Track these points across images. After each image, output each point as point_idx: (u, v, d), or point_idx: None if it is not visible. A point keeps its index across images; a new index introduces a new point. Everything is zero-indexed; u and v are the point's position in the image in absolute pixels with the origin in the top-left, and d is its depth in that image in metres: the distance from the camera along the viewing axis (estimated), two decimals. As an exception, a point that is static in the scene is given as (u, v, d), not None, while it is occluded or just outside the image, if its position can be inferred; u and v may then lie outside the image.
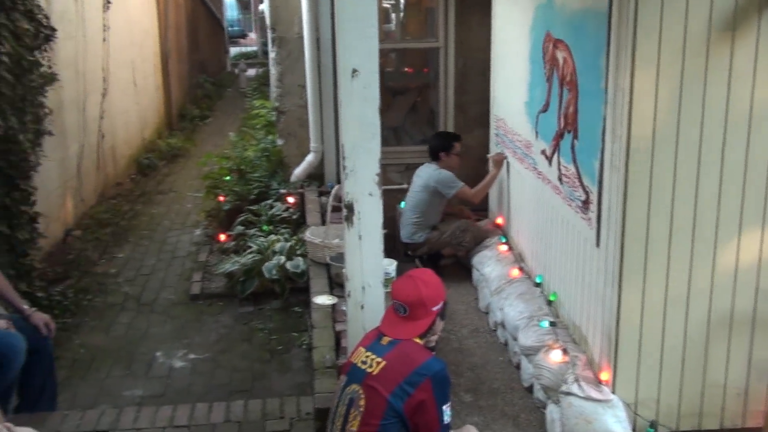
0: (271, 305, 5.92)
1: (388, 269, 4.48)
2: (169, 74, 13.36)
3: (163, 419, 3.96)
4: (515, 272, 5.10)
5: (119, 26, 9.87)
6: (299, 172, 7.51)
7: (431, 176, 5.96)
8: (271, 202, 7.26)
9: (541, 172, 4.77)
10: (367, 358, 2.94)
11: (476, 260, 5.75)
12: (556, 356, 3.91)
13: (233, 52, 25.96)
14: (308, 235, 5.79)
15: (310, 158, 7.45)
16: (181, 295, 6.27)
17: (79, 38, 8.01)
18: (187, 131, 13.43)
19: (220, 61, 22.31)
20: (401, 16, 8.44)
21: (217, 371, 5.02)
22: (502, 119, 5.86)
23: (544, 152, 4.66)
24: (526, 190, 5.21)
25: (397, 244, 6.08)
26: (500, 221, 5.99)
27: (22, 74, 5.45)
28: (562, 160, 4.31)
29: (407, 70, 8.25)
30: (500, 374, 4.55)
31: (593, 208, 3.79)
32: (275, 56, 7.80)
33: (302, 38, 7.25)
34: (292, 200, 7.15)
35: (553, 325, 4.26)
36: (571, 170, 4.13)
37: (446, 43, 7.02)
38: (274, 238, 6.37)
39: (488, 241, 5.83)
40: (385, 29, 8.25)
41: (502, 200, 5.94)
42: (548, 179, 4.61)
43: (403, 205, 6.27)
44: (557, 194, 4.43)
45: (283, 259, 5.95)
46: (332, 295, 5.00)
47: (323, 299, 4.94)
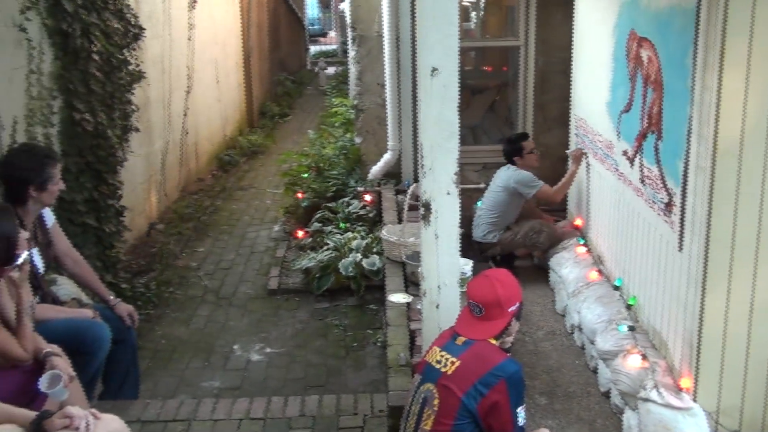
0: (346, 302, 5.96)
1: (464, 269, 4.45)
2: (250, 72, 13.55)
3: (239, 411, 4.03)
4: (594, 275, 5.01)
5: (203, 25, 10.04)
6: (376, 170, 7.56)
7: (511, 177, 5.92)
8: (348, 199, 7.31)
9: (622, 173, 4.67)
10: (441, 357, 2.94)
11: (553, 262, 5.68)
12: (634, 361, 3.82)
13: (313, 50, 26.21)
14: (384, 233, 5.82)
15: (387, 156, 7.49)
16: (258, 289, 6.36)
17: (165, 37, 8.17)
18: (267, 128, 13.61)
19: (300, 59, 22.56)
20: (481, 14, 8.40)
21: (292, 366, 5.08)
22: (582, 119, 5.77)
23: (625, 153, 4.56)
24: (606, 191, 5.11)
25: (472, 243, 6.05)
26: (579, 223, 5.89)
27: (111, 72, 5.64)
28: (644, 161, 4.21)
29: (486, 68, 8.21)
30: (576, 378, 4.48)
31: (676, 210, 3.69)
32: (355, 54, 7.86)
33: (382, 37, 7.30)
34: (368, 198, 7.19)
35: (632, 329, 4.15)
36: (654, 171, 4.04)
37: (526, 41, 6.95)
38: (350, 235, 6.42)
39: (566, 242, 5.74)
40: (464, 27, 8.23)
41: (581, 201, 5.84)
42: (629, 180, 4.51)
43: (479, 204, 6.23)
44: (639, 196, 4.33)
45: (359, 256, 5.99)
46: (407, 293, 5.03)
47: (398, 297, 4.96)
